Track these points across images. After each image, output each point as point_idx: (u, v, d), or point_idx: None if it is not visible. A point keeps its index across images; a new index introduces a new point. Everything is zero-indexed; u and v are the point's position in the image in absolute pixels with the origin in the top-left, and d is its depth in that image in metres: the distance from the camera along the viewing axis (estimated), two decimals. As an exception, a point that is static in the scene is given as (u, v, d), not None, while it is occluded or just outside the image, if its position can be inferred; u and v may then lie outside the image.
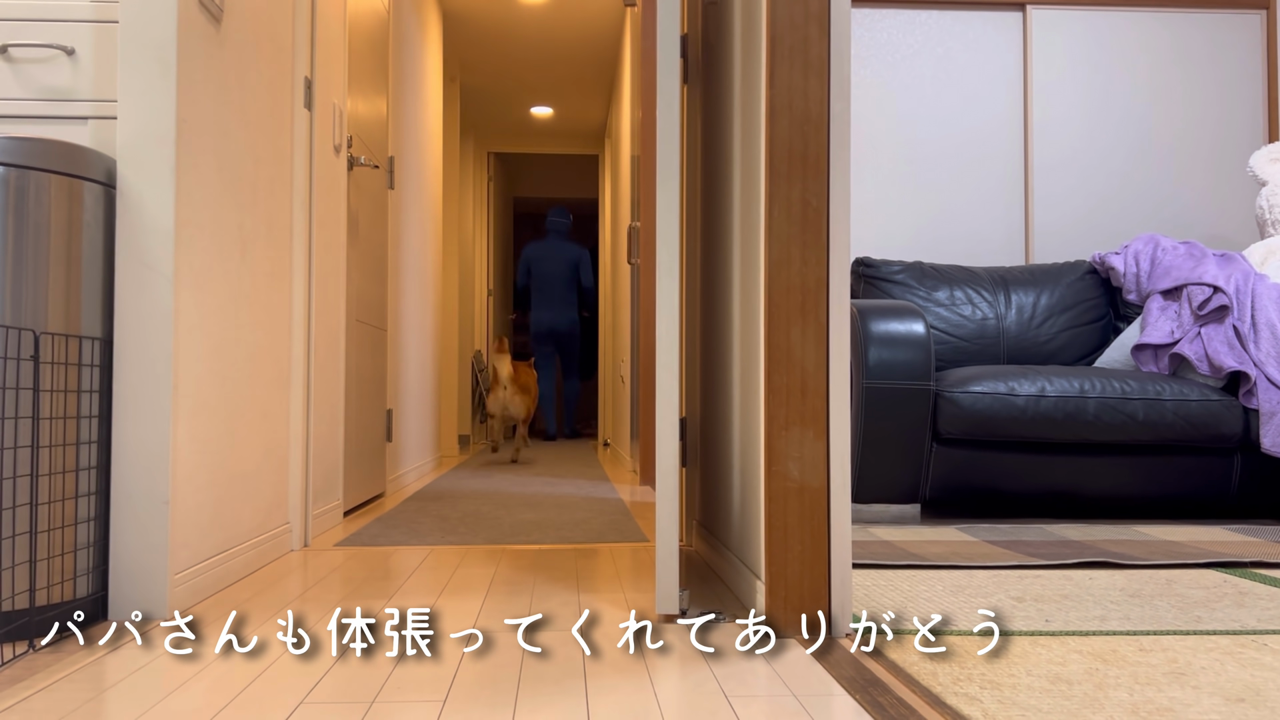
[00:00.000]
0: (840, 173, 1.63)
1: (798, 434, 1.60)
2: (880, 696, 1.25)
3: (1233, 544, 2.42)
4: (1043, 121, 3.92)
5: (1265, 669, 1.35)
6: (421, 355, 4.83)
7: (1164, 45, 3.98)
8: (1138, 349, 3.11)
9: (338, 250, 2.90)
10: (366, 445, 3.40)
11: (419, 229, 4.71)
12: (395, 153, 4.05)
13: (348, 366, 3.08)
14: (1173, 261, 3.25)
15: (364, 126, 3.35)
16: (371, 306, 3.48)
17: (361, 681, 1.33)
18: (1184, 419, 2.80)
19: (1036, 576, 2.04)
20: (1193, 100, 3.97)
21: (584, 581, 2.06)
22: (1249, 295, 2.95)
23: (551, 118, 7.70)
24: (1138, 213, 3.93)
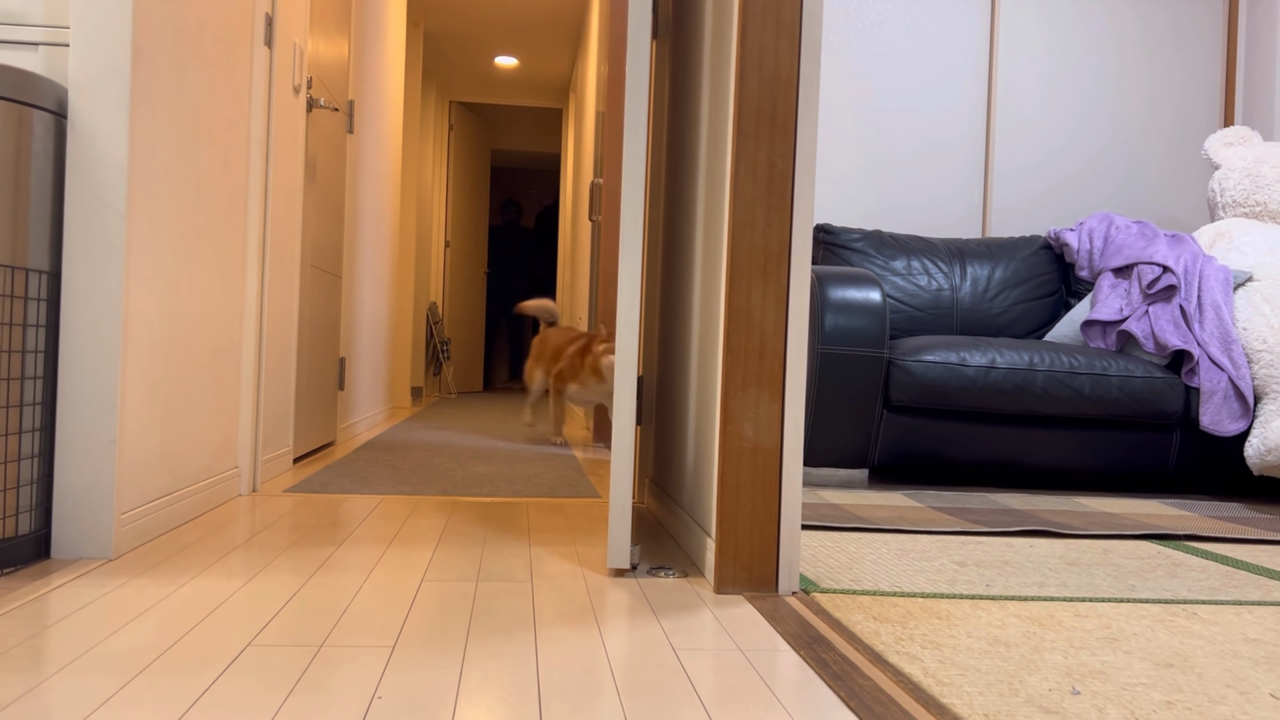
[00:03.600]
0: (807, 136, 1.63)
1: (754, 395, 1.62)
2: (824, 653, 1.28)
3: (1168, 517, 2.49)
4: (1006, 96, 3.95)
5: (1194, 636, 1.40)
6: (376, 304, 4.78)
7: (1128, 28, 4.01)
8: (1087, 325, 3.17)
9: (294, 193, 2.84)
10: (318, 392, 3.37)
11: (377, 176, 4.63)
12: (355, 96, 3.97)
13: (301, 312, 3.04)
14: (1125, 240, 3.31)
15: (324, 68, 3.28)
16: (327, 252, 3.43)
17: (310, 625, 1.33)
18: (1128, 395, 2.87)
19: (979, 543, 2.09)
20: (1153, 83, 4.02)
21: (535, 535, 2.07)
22: (1196, 276, 3.01)
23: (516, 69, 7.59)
24: (1094, 191, 3.99)
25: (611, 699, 1.09)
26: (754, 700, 1.10)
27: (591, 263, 4.95)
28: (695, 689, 1.13)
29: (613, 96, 4.15)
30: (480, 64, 7.49)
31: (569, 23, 6.59)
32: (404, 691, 1.09)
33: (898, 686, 1.15)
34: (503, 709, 1.05)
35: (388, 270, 5.15)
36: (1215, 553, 2.08)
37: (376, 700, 1.06)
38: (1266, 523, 2.47)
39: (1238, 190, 3.35)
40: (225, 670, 1.14)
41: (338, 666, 1.17)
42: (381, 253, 4.88)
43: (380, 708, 1.04)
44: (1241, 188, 3.34)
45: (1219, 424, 2.80)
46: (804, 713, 1.07)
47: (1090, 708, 1.08)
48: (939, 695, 1.11)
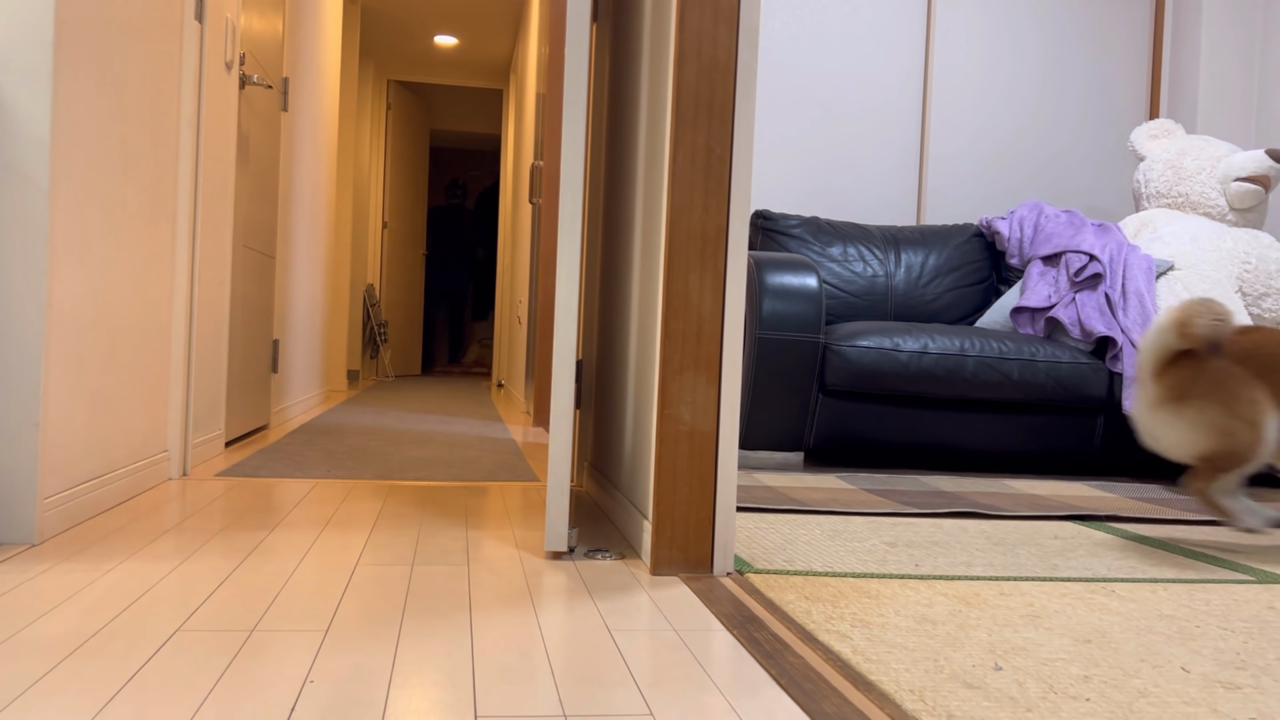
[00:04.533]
0: (745, 122, 1.64)
1: (691, 379, 1.63)
2: (756, 632, 1.30)
3: (1091, 499, 2.57)
4: (941, 87, 4.01)
5: (1111, 613, 1.45)
6: (311, 286, 4.71)
7: (1060, 21, 4.10)
8: (1016, 311, 3.24)
9: (226, 172, 2.79)
10: (251, 375, 3.32)
11: (312, 155, 4.56)
12: (290, 73, 3.90)
13: (233, 293, 2.98)
14: (1054, 229, 3.39)
15: (258, 44, 3.21)
16: (260, 232, 3.37)
17: (242, 609, 1.32)
18: (1055, 380, 2.95)
19: (910, 524, 2.14)
20: (1083, 76, 4.11)
21: (473, 518, 2.06)
22: (1121, 265, 3.10)
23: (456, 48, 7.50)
24: (1025, 180, 4.07)
25: (546, 680, 1.10)
26: (688, 679, 1.12)
27: (532, 246, 4.93)
28: (630, 669, 1.14)
29: (553, 78, 4.13)
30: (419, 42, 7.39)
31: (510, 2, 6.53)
32: (337, 675, 1.09)
33: (827, 664, 1.18)
34: (437, 691, 1.05)
35: (323, 251, 5.07)
36: (1134, 532, 2.15)
37: (309, 684, 1.06)
38: (1183, 503, 2.56)
39: (1161, 181, 3.45)
40: (154, 655, 1.13)
41: (270, 650, 1.16)
42: (317, 233, 4.81)
43: (312, 691, 1.04)
44: (1165, 179, 3.44)
45: (1140, 408, 2.89)
46: (736, 691, 1.09)
47: (1011, 682, 1.11)
48: (867, 672, 1.13)
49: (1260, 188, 3.27)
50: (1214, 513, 2.03)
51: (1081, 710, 1.03)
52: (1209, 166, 3.37)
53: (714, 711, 1.02)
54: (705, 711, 1.02)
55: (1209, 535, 2.16)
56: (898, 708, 1.03)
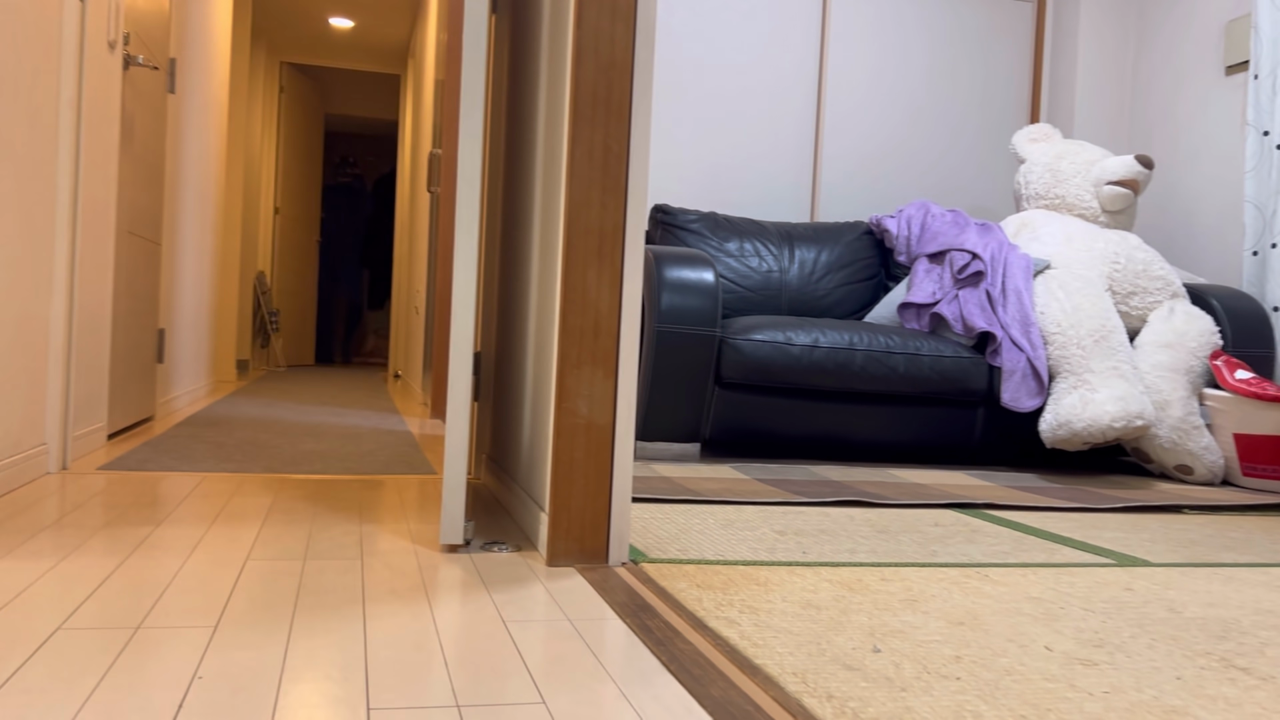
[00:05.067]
0: (642, 120, 1.67)
1: (588, 373, 1.65)
2: (649, 620, 1.33)
3: (970, 487, 2.68)
4: (835, 85, 4.11)
5: (985, 596, 1.53)
6: (199, 273, 4.57)
7: (947, 26, 4.24)
8: (903, 307, 3.36)
9: (109, 155, 2.69)
10: (135, 365, 3.21)
11: (201, 138, 4.42)
12: (178, 54, 3.77)
13: (116, 280, 2.88)
14: (939, 228, 3.52)
15: (143, 23, 3.10)
16: (145, 218, 3.26)
17: (127, 606, 1.29)
18: (939, 373, 3.07)
19: (799, 513, 2.20)
20: (969, 79, 4.27)
21: (367, 512, 2.05)
22: (1001, 263, 3.24)
23: (352, 31, 7.35)
24: (914, 180, 4.21)
25: (440, 673, 1.11)
26: (581, 668, 1.14)
27: (430, 235, 4.88)
28: (524, 660, 1.16)
29: (452, 65, 4.10)
30: (313, 24, 7.21)
31: (408, -13, 6.42)
32: (226, 671, 1.08)
33: (716, 650, 1.22)
34: (329, 685, 1.05)
35: (212, 237, 4.92)
36: (1009, 520, 2.26)
37: (197, 680, 1.05)
38: (1056, 491, 2.70)
39: (1040, 183, 3.61)
40: (33, 655, 1.10)
41: (156, 648, 1.14)
42: (206, 219, 4.66)
43: (201, 688, 1.03)
44: (1043, 181, 3.60)
45: (1018, 400, 3.03)
46: (628, 678, 1.12)
47: (889, 664, 1.17)
48: (753, 657, 1.18)
49: (1130, 191, 3.46)
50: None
51: (952, 689, 1.10)
52: (1084, 170, 3.54)
53: (605, 699, 1.05)
54: (597, 699, 1.05)
55: (1077, 521, 2.29)
56: (781, 690, 1.07)
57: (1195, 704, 1.08)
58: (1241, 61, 3.73)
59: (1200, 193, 3.91)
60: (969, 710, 1.03)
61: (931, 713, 1.02)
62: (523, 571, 1.59)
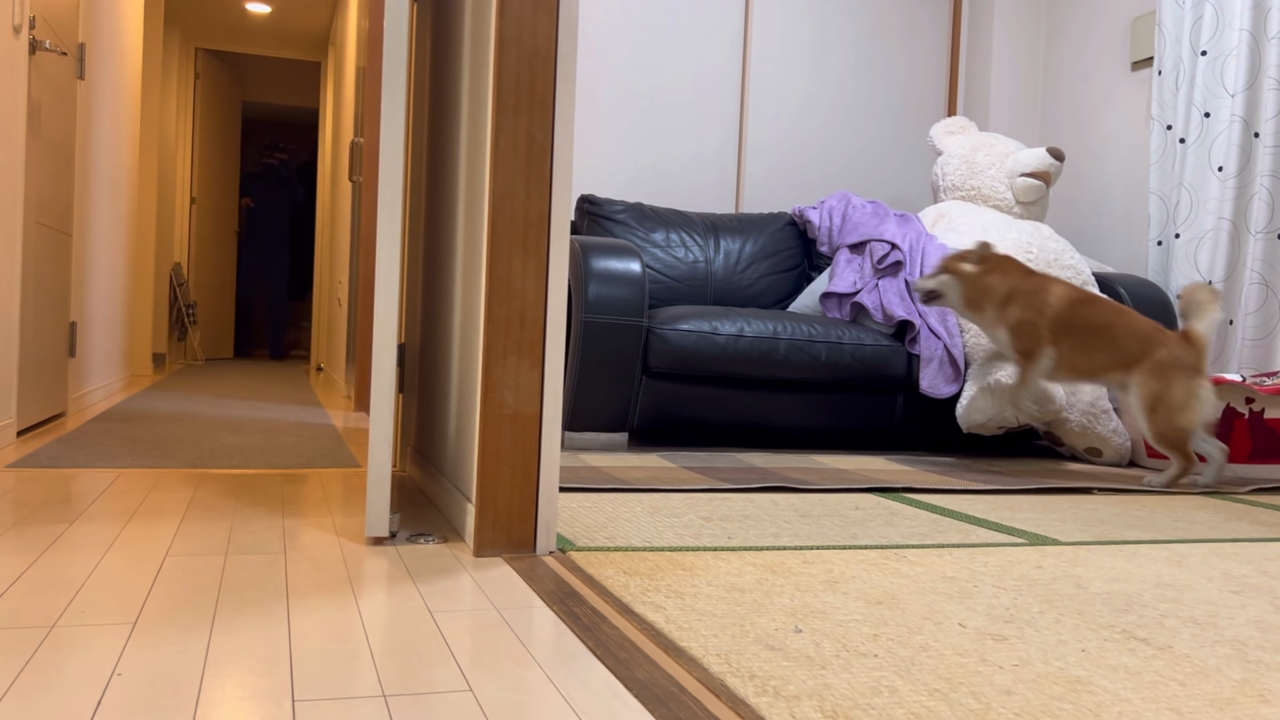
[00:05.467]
0: (565, 109, 1.68)
1: (514, 363, 1.66)
2: (576, 607, 1.35)
3: (891, 472, 2.75)
4: (758, 76, 4.16)
5: (902, 577, 1.57)
6: (112, 265, 4.44)
7: (866, 20, 4.32)
8: (825, 297, 3.42)
9: (15, 143, 2.60)
10: (45, 360, 3.11)
11: (113, 126, 4.29)
12: (87, 39, 3.66)
13: (24, 272, 2.79)
14: (860, 219, 3.59)
15: (50, 7, 3.00)
16: (55, 208, 3.16)
17: (40, 606, 1.26)
18: (860, 361, 3.13)
19: (725, 499, 2.24)
20: (888, 73, 4.35)
21: (290, 506, 2.03)
22: (920, 253, 3.32)
23: (269, 16, 7.19)
24: (835, 171, 4.28)
25: (367, 664, 1.11)
26: (508, 655, 1.15)
27: (352, 225, 4.81)
28: (451, 649, 1.17)
29: (373, 53, 4.04)
30: (229, 10, 7.04)
31: (328, -27, 6.31)
32: (146, 668, 1.06)
33: (642, 634, 1.23)
34: (253, 679, 1.04)
35: (126, 228, 4.79)
36: (927, 502, 2.33)
37: (115, 678, 1.03)
38: (971, 475, 2.78)
39: (956, 175, 3.70)
40: (-58, 658, 1.07)
41: (72, 647, 1.12)
42: (119, 209, 4.53)
43: (119, 685, 1.01)
44: (960, 173, 3.70)
45: (935, 387, 3.11)
46: (554, 664, 1.13)
47: (809, 643, 1.20)
48: (678, 640, 1.20)
49: (1042, 183, 3.56)
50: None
51: (870, 665, 1.13)
52: (998, 162, 3.64)
53: (532, 684, 1.06)
54: (523, 684, 1.06)
55: (992, 503, 2.36)
56: (705, 671, 1.10)
57: (1098, 674, 1.13)
58: (1146, 58, 3.87)
59: (1108, 184, 4.05)
60: (885, 685, 1.06)
61: (850, 689, 1.05)
62: (449, 562, 1.59)
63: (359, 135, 4.59)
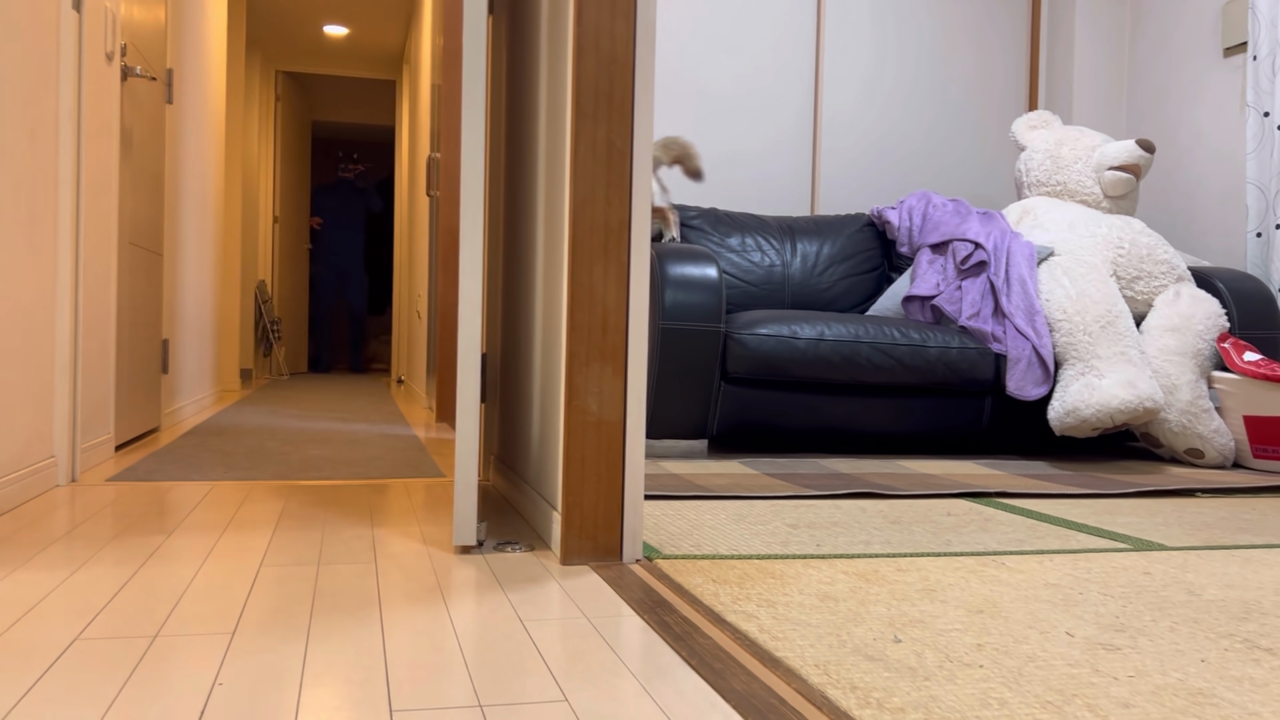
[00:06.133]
0: (644, 115, 1.66)
1: (597, 370, 1.65)
2: (666, 616, 1.33)
3: (981, 476, 2.68)
4: (832, 77, 4.11)
5: (1002, 584, 1.52)
6: (201, 283, 4.57)
7: (944, 15, 4.23)
8: (907, 300, 3.35)
9: (109, 166, 2.69)
10: (140, 376, 3.21)
11: (199, 148, 4.41)
12: (174, 64, 3.77)
13: (120, 291, 2.88)
14: (941, 218, 3.51)
15: (140, 34, 3.10)
16: (147, 229, 3.25)
17: (143, 615, 1.29)
18: (945, 364, 3.06)
19: (810, 506, 2.20)
20: (967, 68, 4.26)
21: (378, 516, 2.04)
22: (1005, 252, 3.23)
23: (346, 38, 7.34)
24: (914, 170, 4.20)
25: (461, 673, 1.10)
26: (600, 665, 1.14)
27: (430, 239, 4.87)
28: (544, 658, 1.16)
29: (449, 69, 4.09)
30: (308, 33, 7.21)
31: (401, -8, 6.42)
32: (246, 676, 1.07)
33: (735, 644, 1.21)
34: (350, 688, 1.05)
35: (212, 247, 4.92)
36: (1022, 507, 2.26)
37: (217, 687, 1.04)
38: (1066, 478, 2.69)
39: (1041, 170, 3.60)
40: (53, 664, 1.09)
41: (175, 655, 1.14)
42: (205, 229, 4.66)
43: (221, 694, 1.02)
44: (1044, 168, 3.60)
45: (1023, 389, 3.02)
46: (648, 674, 1.11)
47: (910, 653, 1.17)
48: (773, 650, 1.17)
49: (1132, 176, 3.45)
50: None
51: (976, 676, 1.09)
52: (1084, 156, 3.54)
53: (627, 694, 1.05)
54: (618, 694, 1.04)
55: (1090, 507, 2.28)
56: (804, 682, 1.07)
57: (1221, 685, 1.07)
58: (1240, 43, 3.72)
59: (1201, 176, 3.90)
60: (994, 698, 1.02)
61: (956, 701, 1.01)
62: (537, 571, 1.59)
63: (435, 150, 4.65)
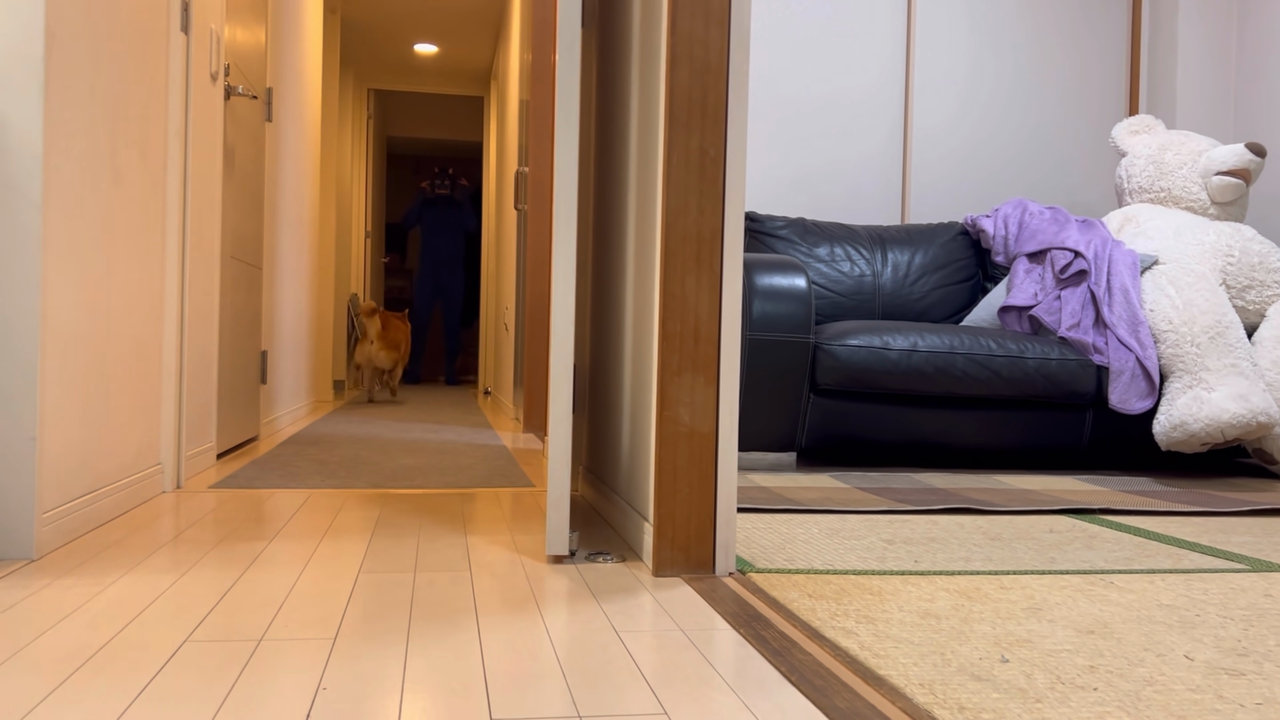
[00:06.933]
0: (738, 124, 1.65)
1: (689, 380, 1.64)
2: (763, 630, 1.31)
3: (1083, 492, 2.59)
4: (923, 86, 4.04)
5: (1111, 604, 1.46)
6: (297, 296, 4.69)
7: (1039, 18, 4.13)
8: (1003, 310, 3.26)
9: (213, 183, 2.78)
10: (240, 387, 3.30)
11: (296, 165, 4.54)
12: (274, 84, 3.89)
13: (222, 304, 2.97)
14: (1038, 226, 3.42)
15: (242, 55, 3.20)
16: (247, 243, 3.35)
17: (247, 620, 1.32)
18: (1044, 376, 2.97)
19: (905, 521, 2.15)
20: (1063, 72, 4.15)
21: (470, 524, 2.06)
22: (1106, 261, 3.13)
23: (436, 56, 7.50)
24: (1008, 177, 4.10)
25: (558, 683, 1.10)
26: (698, 678, 1.12)
27: (518, 252, 4.93)
28: (640, 669, 1.15)
29: (537, 85, 4.14)
30: (399, 51, 7.38)
31: (490, 10, 6.53)
32: (348, 682, 1.09)
33: (836, 660, 1.18)
34: (450, 696, 1.05)
35: (308, 261, 5.06)
36: (1128, 524, 2.17)
37: (321, 692, 1.05)
38: (1174, 495, 2.59)
39: (1143, 176, 3.48)
40: (163, 667, 1.12)
41: (279, 660, 1.16)
42: (302, 243, 4.79)
43: (325, 699, 1.04)
44: (1147, 174, 3.48)
45: (1126, 402, 2.92)
46: (747, 689, 1.09)
47: (1019, 674, 1.12)
48: (876, 667, 1.14)
49: (1241, 181, 3.31)
50: None
51: (1090, 700, 1.04)
52: (1190, 161, 3.41)
53: (726, 709, 1.03)
54: (717, 709, 1.03)
55: (1202, 526, 2.19)
56: (909, 701, 1.03)
57: (1359, 716, 1.01)
58: (1358, 40, 3.54)
59: (1317, 180, 3.72)
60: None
61: (1071, 725, 0.97)
62: (629, 581, 1.58)
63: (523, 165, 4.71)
